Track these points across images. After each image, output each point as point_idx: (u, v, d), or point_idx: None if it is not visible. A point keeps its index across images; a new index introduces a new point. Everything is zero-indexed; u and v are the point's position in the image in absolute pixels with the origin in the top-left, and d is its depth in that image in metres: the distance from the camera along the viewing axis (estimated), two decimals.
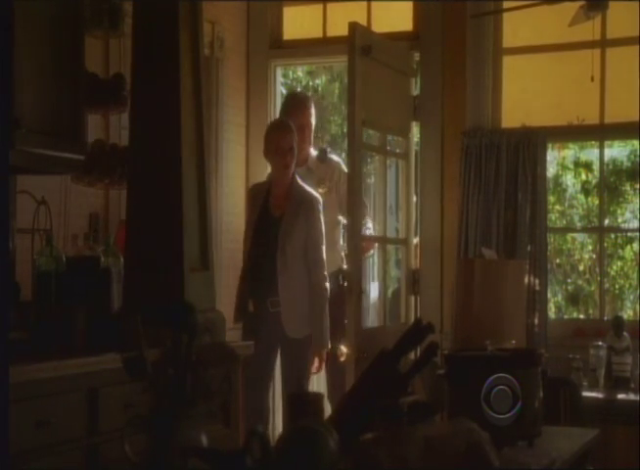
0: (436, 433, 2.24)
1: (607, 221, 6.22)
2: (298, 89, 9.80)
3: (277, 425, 5.66)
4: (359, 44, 5.06)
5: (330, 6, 6.04)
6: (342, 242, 5.33)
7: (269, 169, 5.36)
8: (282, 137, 4.93)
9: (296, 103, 5.46)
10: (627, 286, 7.35)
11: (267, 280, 4.85)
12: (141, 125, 3.79)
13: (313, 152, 5.45)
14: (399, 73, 5.61)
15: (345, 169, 5.38)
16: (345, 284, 5.12)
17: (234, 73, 5.94)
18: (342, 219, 5.31)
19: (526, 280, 5.24)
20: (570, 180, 7.56)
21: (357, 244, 5.07)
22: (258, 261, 4.91)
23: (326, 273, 4.92)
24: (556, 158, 7.21)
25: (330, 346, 4.96)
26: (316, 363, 4.88)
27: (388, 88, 5.49)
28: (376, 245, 5.56)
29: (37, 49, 3.57)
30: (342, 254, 5.27)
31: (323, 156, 5.41)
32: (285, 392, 4.89)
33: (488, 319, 4.73)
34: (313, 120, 5.42)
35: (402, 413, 2.35)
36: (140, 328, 2.10)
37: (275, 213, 4.95)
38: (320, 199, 4.97)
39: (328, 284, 4.93)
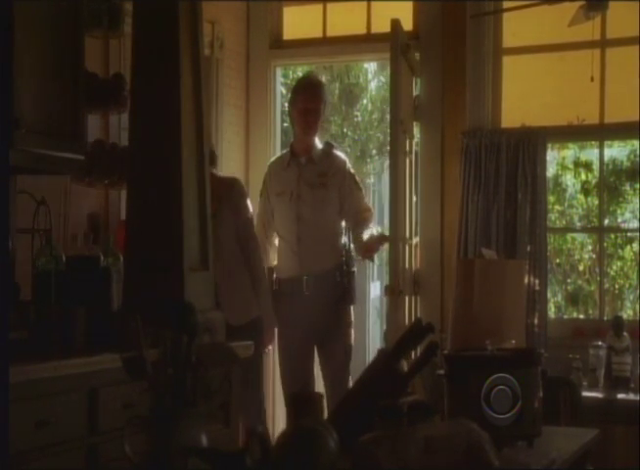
0: (436, 433, 2.24)
1: (606, 221, 6.22)
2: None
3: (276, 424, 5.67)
4: (401, 42, 5.08)
5: (330, 6, 6.04)
6: (343, 240, 5.19)
7: (269, 170, 5.34)
8: None
9: (304, 84, 5.27)
10: (627, 286, 7.35)
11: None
12: (141, 125, 3.79)
13: (319, 144, 5.25)
14: (410, 72, 5.63)
15: (352, 170, 5.30)
16: (346, 282, 5.05)
17: (234, 73, 5.94)
18: (343, 222, 5.19)
19: (526, 280, 5.24)
20: (569, 180, 7.56)
21: (398, 245, 5.09)
22: None
23: (261, 254, 4.86)
24: (556, 158, 7.21)
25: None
26: (268, 343, 4.85)
27: (404, 87, 5.51)
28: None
29: (37, 49, 3.57)
30: (343, 252, 5.15)
31: (328, 149, 5.23)
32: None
33: (488, 319, 4.73)
34: (322, 107, 5.21)
35: (402, 413, 2.35)
36: (140, 328, 2.10)
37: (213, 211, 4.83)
38: (240, 180, 4.84)
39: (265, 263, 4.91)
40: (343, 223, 5.21)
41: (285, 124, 6.84)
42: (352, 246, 5.26)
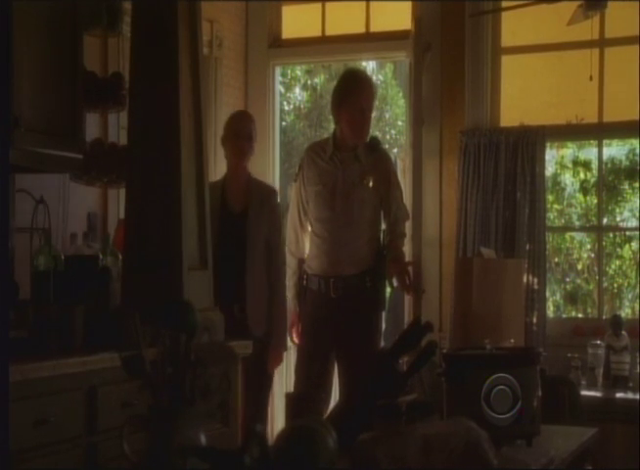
0: (435, 432, 2.24)
1: (605, 220, 6.22)
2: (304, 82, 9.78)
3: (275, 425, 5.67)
4: (423, 41, 5.09)
5: (329, 5, 6.05)
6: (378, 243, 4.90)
7: (267, 169, 5.30)
8: (240, 123, 4.75)
9: (359, 81, 4.87)
10: (626, 285, 7.34)
11: (232, 283, 4.47)
12: (140, 124, 3.79)
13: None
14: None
15: (395, 168, 5.09)
16: (377, 287, 4.78)
17: (233, 73, 5.94)
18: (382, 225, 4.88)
19: (525, 279, 5.24)
20: (568, 179, 7.55)
21: (420, 244, 5.12)
22: (223, 263, 4.36)
23: (285, 272, 4.75)
24: (554, 157, 7.19)
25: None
26: (274, 362, 4.68)
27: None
28: None
29: (36, 48, 3.57)
30: (377, 255, 4.82)
31: (374, 145, 4.87)
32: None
33: (487, 318, 4.73)
34: (374, 104, 4.92)
35: (401, 412, 2.35)
36: (139, 327, 2.10)
37: (235, 209, 4.65)
38: (277, 191, 4.80)
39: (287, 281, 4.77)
40: (382, 225, 4.90)
41: (284, 123, 6.85)
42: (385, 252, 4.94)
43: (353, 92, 4.79)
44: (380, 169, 4.82)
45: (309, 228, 4.93)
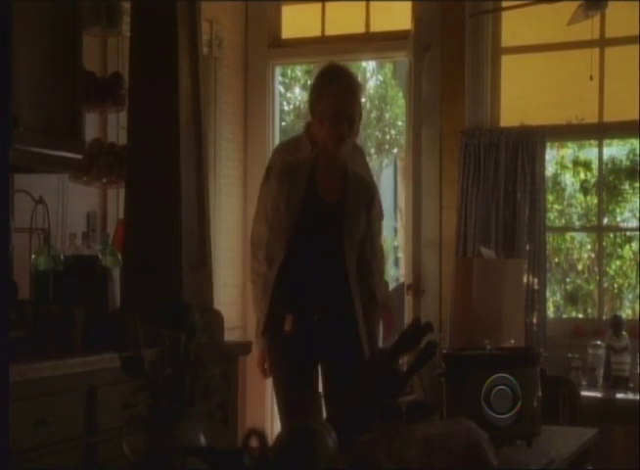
0: (435, 432, 2.23)
1: (606, 220, 6.21)
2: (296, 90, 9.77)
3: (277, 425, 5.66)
4: (423, 40, 5.10)
5: (328, 5, 6.04)
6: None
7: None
8: (342, 101, 3.79)
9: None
10: (626, 285, 7.34)
11: (328, 285, 3.77)
12: (139, 124, 3.79)
13: None
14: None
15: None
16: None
17: (232, 72, 5.94)
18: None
19: (525, 279, 5.24)
20: (568, 179, 7.54)
21: (419, 245, 5.14)
22: (313, 260, 3.76)
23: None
24: (555, 157, 7.19)
25: None
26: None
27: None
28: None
29: (35, 48, 3.57)
30: None
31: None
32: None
33: (487, 318, 4.72)
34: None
35: (401, 413, 2.35)
36: (138, 327, 2.10)
37: (327, 198, 3.81)
38: (376, 186, 4.13)
39: None
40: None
41: (283, 124, 6.84)
42: None
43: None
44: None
45: None
